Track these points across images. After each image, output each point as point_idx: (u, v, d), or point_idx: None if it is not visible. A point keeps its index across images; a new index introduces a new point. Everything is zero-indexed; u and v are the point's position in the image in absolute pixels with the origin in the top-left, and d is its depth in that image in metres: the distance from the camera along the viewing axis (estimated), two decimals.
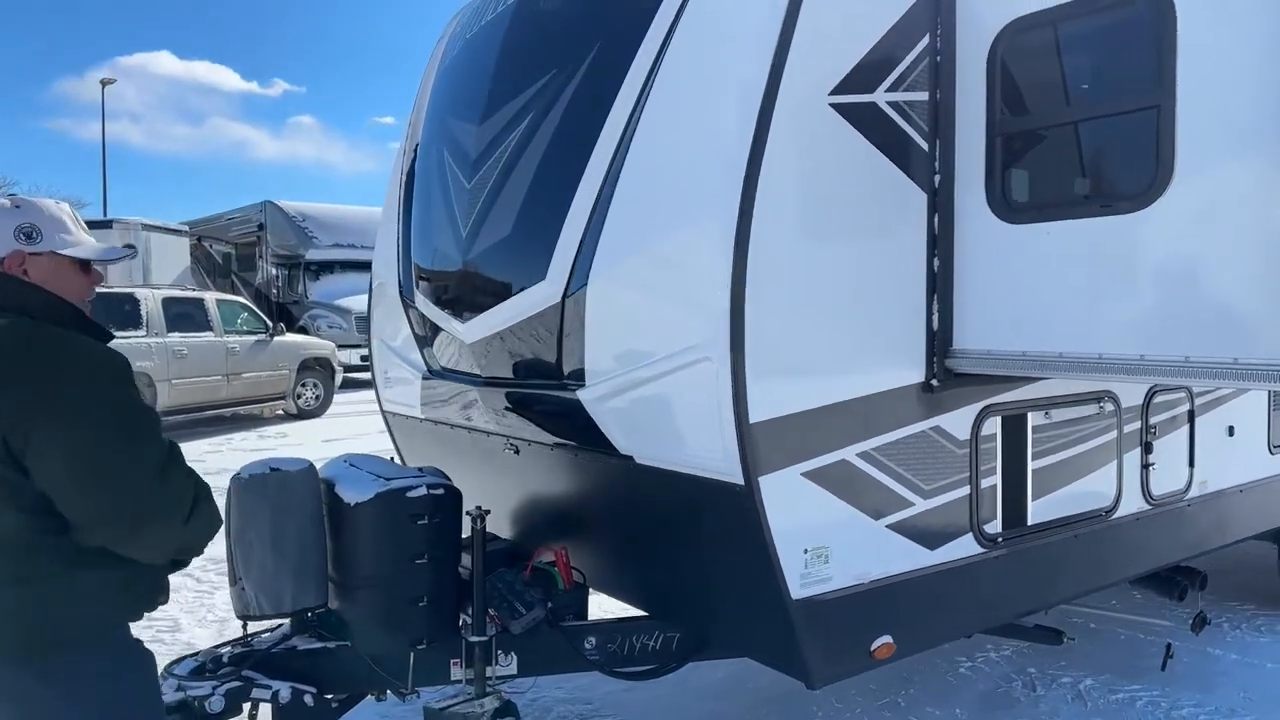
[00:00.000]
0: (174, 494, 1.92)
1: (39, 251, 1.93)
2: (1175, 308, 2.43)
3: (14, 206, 1.96)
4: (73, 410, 1.80)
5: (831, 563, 2.70)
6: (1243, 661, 4.49)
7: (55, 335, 1.89)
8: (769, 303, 2.52)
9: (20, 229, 1.93)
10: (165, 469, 1.91)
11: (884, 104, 2.77)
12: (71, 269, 1.98)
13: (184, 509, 1.93)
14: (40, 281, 1.93)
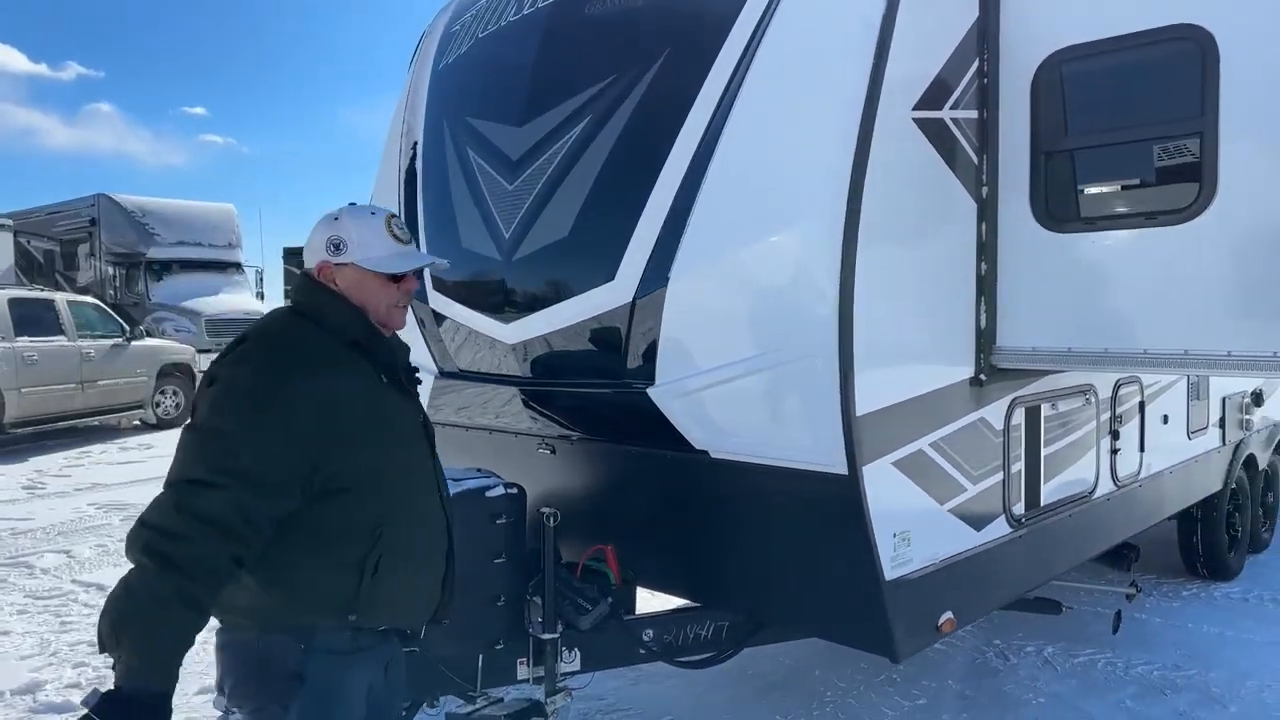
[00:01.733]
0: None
1: (344, 263, 2.03)
2: (1219, 308, 2.79)
3: (334, 219, 2.07)
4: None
5: (912, 545, 2.90)
6: (1168, 624, 5.07)
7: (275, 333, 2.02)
8: (869, 303, 2.69)
9: (330, 240, 2.04)
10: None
11: (949, 120, 3.01)
12: (375, 279, 2.05)
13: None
14: (345, 290, 2.04)
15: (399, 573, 2.02)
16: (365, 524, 1.97)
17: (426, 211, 4.07)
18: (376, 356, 2.05)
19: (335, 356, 1.99)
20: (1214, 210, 2.76)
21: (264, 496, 1.81)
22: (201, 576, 1.73)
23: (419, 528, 2.10)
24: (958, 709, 4.03)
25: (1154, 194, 2.96)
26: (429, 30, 4.65)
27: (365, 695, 2.06)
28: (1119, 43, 2.91)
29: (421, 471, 2.14)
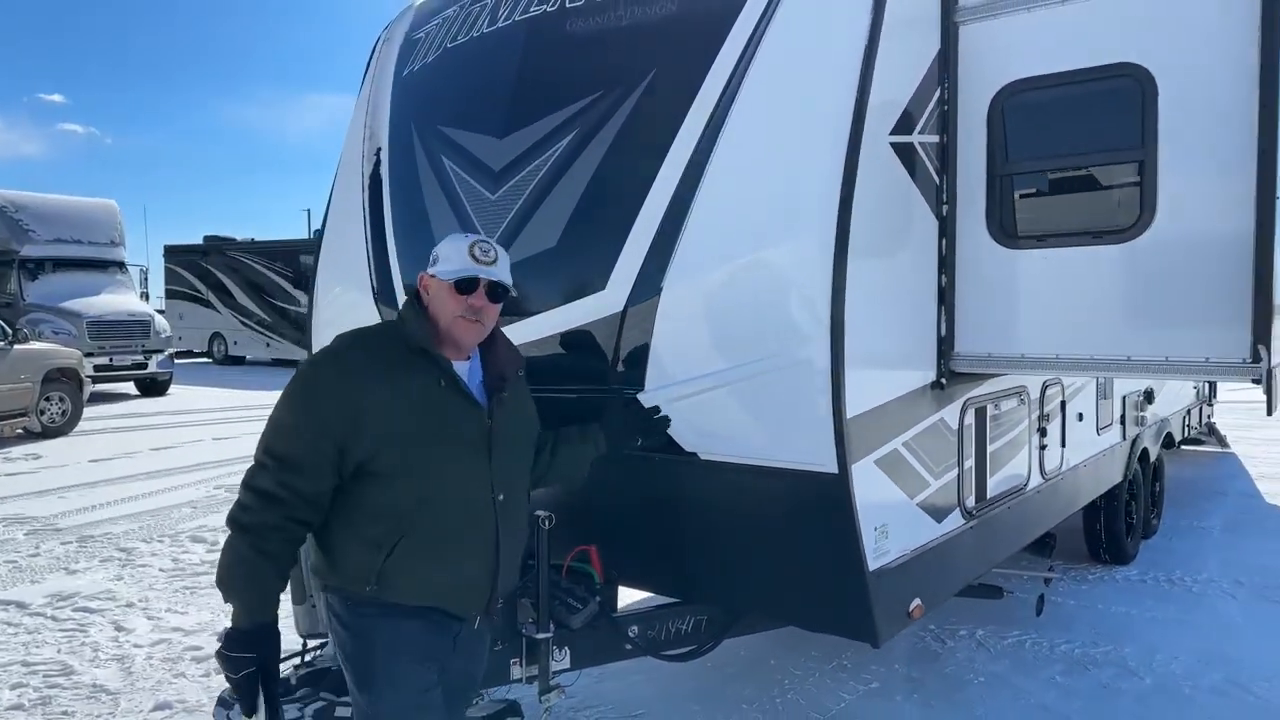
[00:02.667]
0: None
1: (430, 274, 2.34)
2: (1155, 318, 3.11)
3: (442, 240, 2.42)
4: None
5: (890, 537, 3.13)
6: (1080, 605, 5.51)
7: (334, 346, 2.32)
8: (856, 312, 2.90)
9: (431, 255, 2.38)
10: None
11: (917, 144, 3.26)
12: (446, 290, 2.30)
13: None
14: (429, 300, 2.33)
15: (417, 558, 2.23)
16: (391, 508, 2.20)
17: (396, 217, 4.08)
18: (438, 363, 2.21)
19: (396, 359, 2.23)
20: (1153, 230, 3.08)
21: (299, 475, 2.14)
22: (268, 535, 2.13)
23: (449, 520, 2.26)
24: (908, 690, 4.30)
25: (1099, 214, 3.27)
26: (387, 36, 4.66)
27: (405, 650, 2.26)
28: (1067, 77, 3.21)
29: (463, 470, 2.28)
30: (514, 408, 2.44)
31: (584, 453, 2.88)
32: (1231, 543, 6.93)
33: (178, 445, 11.76)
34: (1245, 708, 4.12)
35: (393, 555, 2.21)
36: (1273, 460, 10.18)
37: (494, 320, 2.40)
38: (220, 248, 26.78)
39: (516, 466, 2.45)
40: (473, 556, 2.33)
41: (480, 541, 2.33)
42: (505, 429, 2.36)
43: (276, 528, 2.14)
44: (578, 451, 2.86)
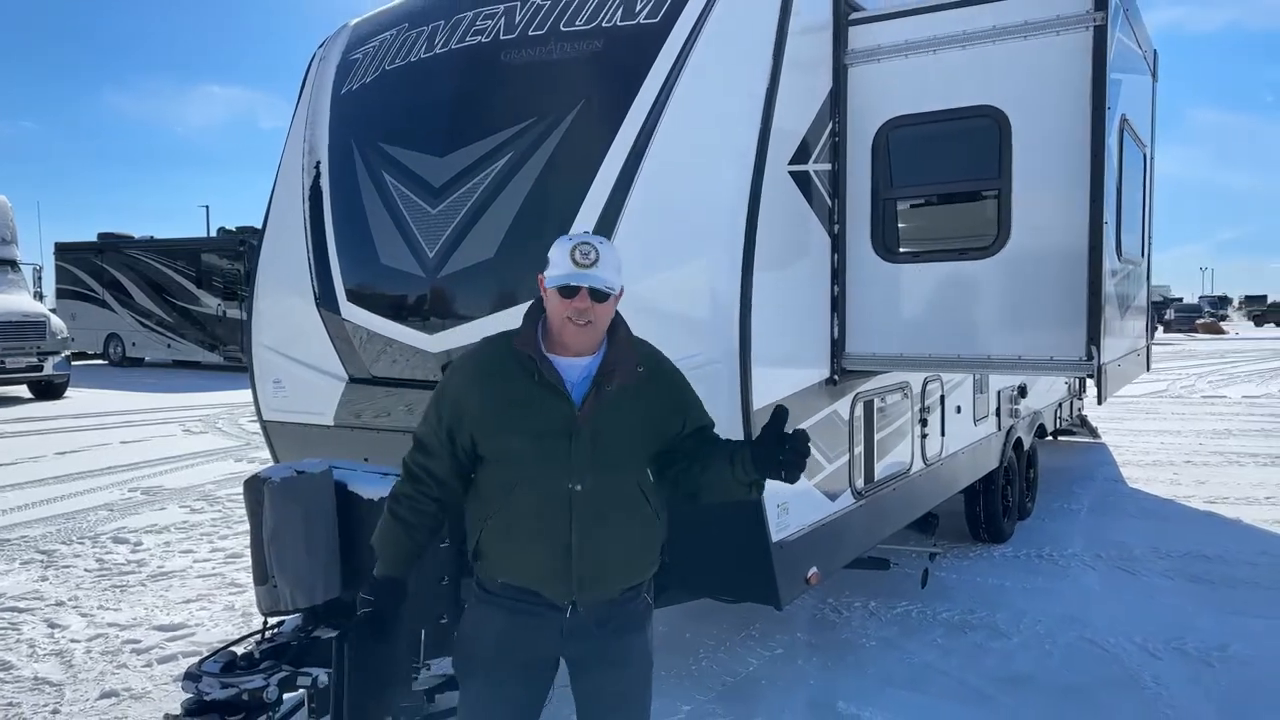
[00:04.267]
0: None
1: (543, 277, 2.43)
2: (1010, 323, 3.66)
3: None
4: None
5: (790, 514, 3.59)
6: (961, 579, 6.12)
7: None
8: (760, 316, 3.35)
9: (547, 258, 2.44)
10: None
11: (812, 171, 3.73)
12: (553, 295, 2.37)
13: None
14: (545, 302, 2.44)
15: (498, 536, 2.48)
16: (486, 491, 2.49)
17: (336, 227, 4.36)
18: (532, 359, 2.39)
19: (504, 357, 2.44)
20: (1008, 248, 3.63)
21: (428, 456, 2.52)
22: (403, 501, 2.55)
23: (524, 504, 2.44)
24: (809, 654, 4.80)
25: (963, 234, 3.81)
26: (322, 54, 4.92)
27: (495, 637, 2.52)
28: (939, 115, 3.74)
29: (543, 459, 2.42)
30: (618, 403, 2.40)
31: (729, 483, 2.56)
32: (1095, 522, 7.70)
33: (84, 449, 11.55)
34: (1093, 659, 4.75)
35: (483, 533, 2.48)
36: (1137, 449, 11.19)
37: (606, 318, 2.40)
38: (117, 246, 25.91)
39: (610, 459, 2.41)
40: (545, 539, 2.41)
41: (555, 527, 2.40)
42: (599, 422, 2.38)
43: (409, 497, 2.53)
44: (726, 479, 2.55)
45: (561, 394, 2.40)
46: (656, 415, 2.51)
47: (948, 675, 4.58)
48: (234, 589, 5.91)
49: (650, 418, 2.49)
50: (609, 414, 2.40)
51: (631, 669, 2.57)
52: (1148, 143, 4.88)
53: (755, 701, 4.24)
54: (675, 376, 2.57)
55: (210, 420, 14.17)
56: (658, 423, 2.51)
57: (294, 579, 3.22)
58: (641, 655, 2.60)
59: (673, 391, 2.55)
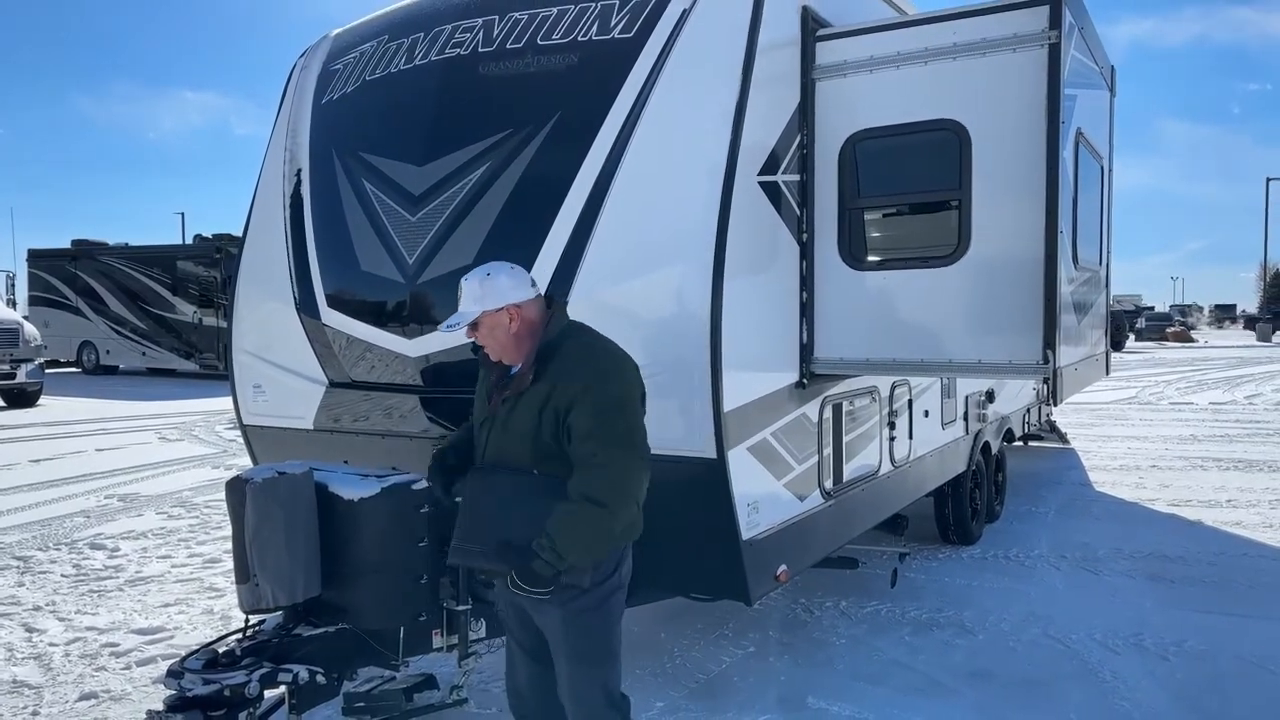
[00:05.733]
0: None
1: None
2: (971, 328, 3.80)
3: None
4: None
5: (760, 513, 3.71)
6: (930, 579, 6.27)
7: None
8: (730, 323, 3.47)
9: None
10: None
11: (781, 182, 3.87)
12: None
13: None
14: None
15: None
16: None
17: (317, 234, 4.45)
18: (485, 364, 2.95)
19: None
20: (968, 256, 3.78)
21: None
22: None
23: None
24: (780, 651, 4.92)
25: (926, 243, 3.95)
26: (303, 64, 5.01)
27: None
28: (902, 129, 3.89)
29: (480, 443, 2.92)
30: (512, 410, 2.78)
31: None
32: (1061, 524, 7.88)
33: (59, 456, 11.50)
34: (1055, 654, 4.90)
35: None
36: (1105, 455, 11.42)
37: (490, 338, 2.81)
38: (90, 252, 25.71)
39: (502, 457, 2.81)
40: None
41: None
42: (500, 423, 2.81)
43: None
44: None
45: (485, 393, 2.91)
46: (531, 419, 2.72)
47: (914, 670, 4.71)
48: (212, 593, 5.95)
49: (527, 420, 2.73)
50: (504, 415, 2.78)
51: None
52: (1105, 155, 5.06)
53: (727, 697, 4.35)
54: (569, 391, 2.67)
55: (186, 428, 14.12)
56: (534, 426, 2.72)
57: (275, 577, 3.30)
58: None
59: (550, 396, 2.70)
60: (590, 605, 2.80)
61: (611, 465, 2.64)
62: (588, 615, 2.81)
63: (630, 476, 2.69)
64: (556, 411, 2.68)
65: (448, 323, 2.79)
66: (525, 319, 2.78)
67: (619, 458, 2.66)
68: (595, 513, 2.63)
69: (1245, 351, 35.14)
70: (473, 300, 2.77)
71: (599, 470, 2.62)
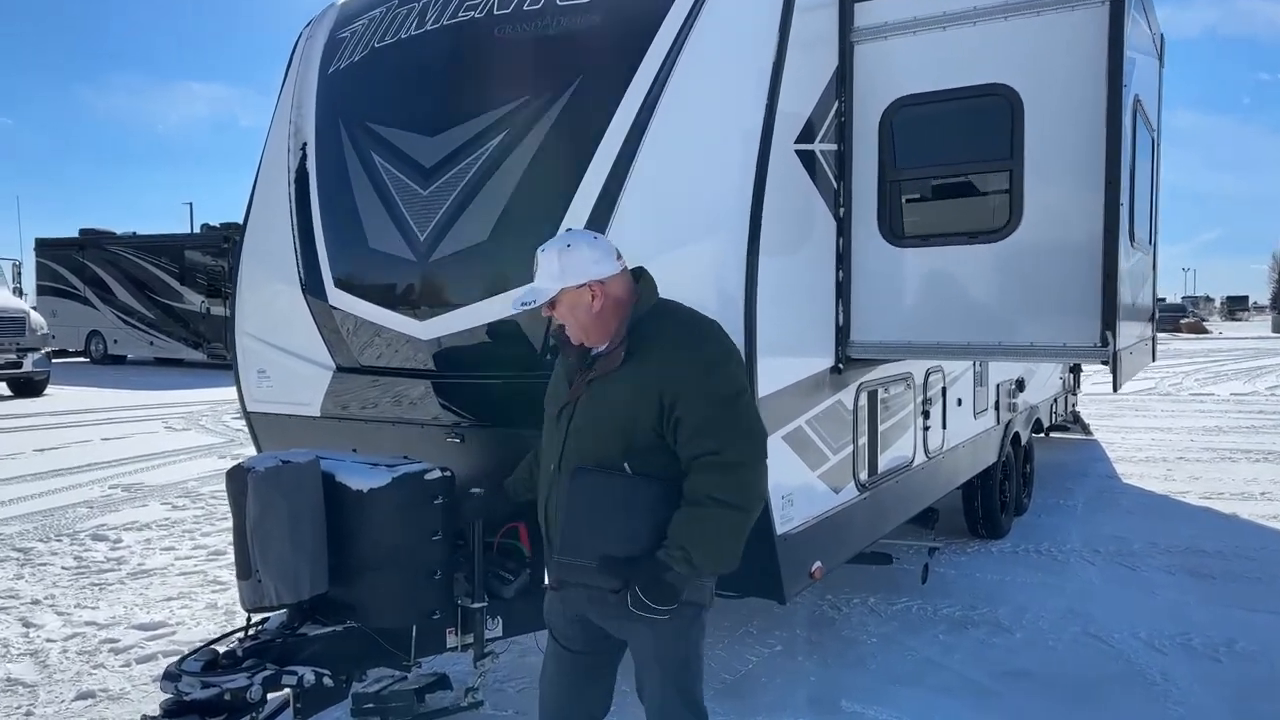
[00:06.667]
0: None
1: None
2: (1022, 309, 3.55)
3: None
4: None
5: (794, 506, 3.47)
6: (960, 574, 6.03)
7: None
8: (766, 301, 3.23)
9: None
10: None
11: (818, 151, 3.61)
12: None
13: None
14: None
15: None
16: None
17: (323, 211, 4.21)
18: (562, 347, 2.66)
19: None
20: (1020, 232, 3.52)
21: None
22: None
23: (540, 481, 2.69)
24: (809, 651, 4.68)
25: (973, 217, 3.69)
26: (309, 34, 4.76)
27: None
28: (948, 94, 3.63)
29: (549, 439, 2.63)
30: (599, 395, 2.45)
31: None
32: (1092, 518, 7.63)
33: (64, 446, 11.33)
34: (1098, 654, 4.65)
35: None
36: (1129, 446, 11.14)
37: (573, 314, 2.48)
38: (98, 241, 25.57)
39: (585, 448, 2.45)
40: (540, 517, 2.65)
41: (542, 504, 2.63)
42: (584, 410, 2.47)
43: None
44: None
45: (564, 381, 2.58)
46: (625, 404, 2.40)
47: (950, 671, 4.47)
48: (216, 586, 5.74)
49: (615, 408, 2.42)
50: (590, 403, 2.46)
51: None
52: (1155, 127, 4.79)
53: (755, 699, 4.12)
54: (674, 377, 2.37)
55: (193, 417, 13.95)
56: (628, 413, 2.40)
57: (279, 573, 3.08)
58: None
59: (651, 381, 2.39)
60: (691, 615, 2.53)
61: (742, 464, 2.34)
62: (689, 627, 2.55)
63: (761, 474, 2.41)
64: (660, 400, 2.35)
65: (520, 299, 2.48)
66: (610, 296, 2.45)
67: (748, 454, 2.36)
68: (729, 516, 2.33)
69: (1261, 343, 34.74)
70: (550, 276, 2.45)
71: (729, 470, 2.31)
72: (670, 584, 2.34)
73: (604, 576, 2.38)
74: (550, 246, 2.50)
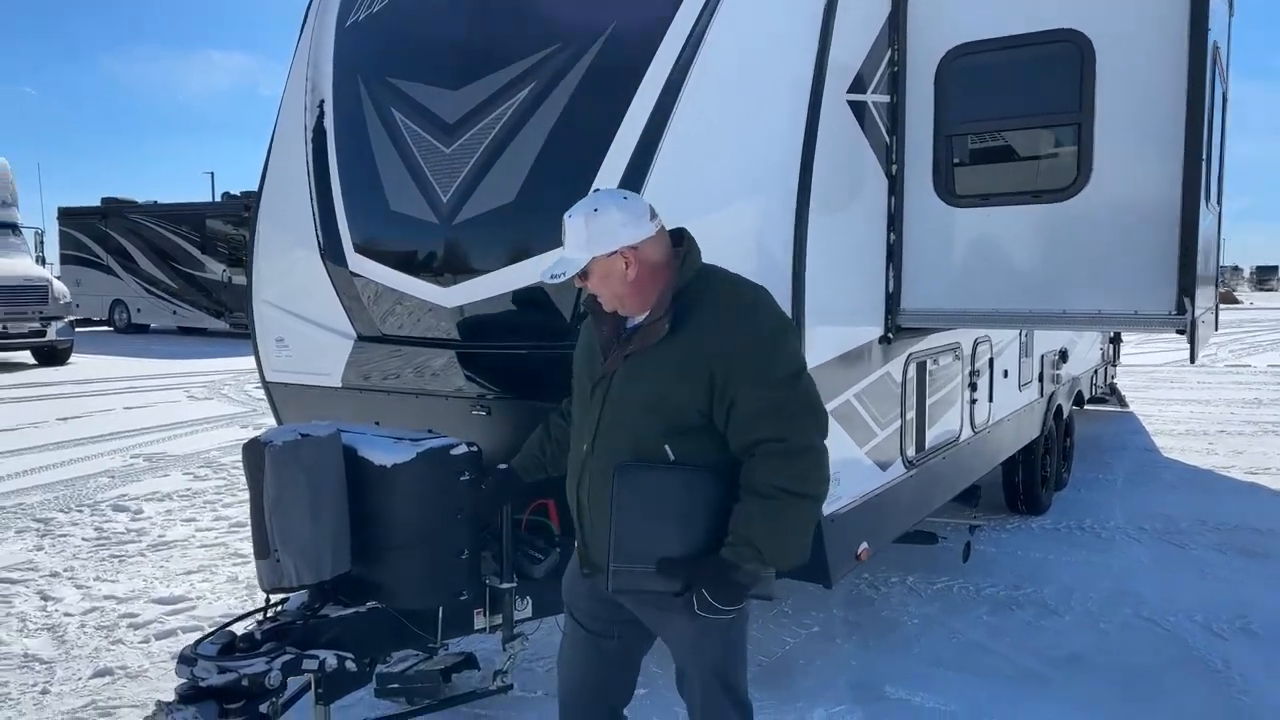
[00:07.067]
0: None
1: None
2: (1090, 274, 3.30)
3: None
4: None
5: (841, 485, 3.26)
6: (1001, 552, 5.81)
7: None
8: (815, 265, 3.00)
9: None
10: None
11: (870, 103, 3.36)
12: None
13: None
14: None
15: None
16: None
17: (342, 172, 4.01)
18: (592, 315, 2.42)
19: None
20: (1089, 190, 3.26)
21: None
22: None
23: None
24: (848, 632, 4.50)
25: (1038, 175, 3.43)
26: None
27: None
28: (1010, 41, 3.35)
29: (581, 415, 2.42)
30: (638, 370, 2.23)
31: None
32: (1133, 493, 7.37)
33: (87, 415, 11.29)
34: (1155, 638, 4.44)
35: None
36: (1167, 419, 10.84)
37: (604, 287, 2.26)
38: (120, 210, 25.54)
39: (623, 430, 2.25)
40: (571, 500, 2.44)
41: (573, 487, 2.41)
42: (620, 387, 2.26)
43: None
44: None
45: (598, 353, 2.35)
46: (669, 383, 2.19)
47: (998, 655, 4.28)
48: (238, 559, 5.62)
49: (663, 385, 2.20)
50: (625, 376, 2.26)
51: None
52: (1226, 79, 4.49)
53: (794, 684, 3.94)
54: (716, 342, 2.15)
55: (215, 386, 13.90)
56: (672, 392, 2.19)
57: (298, 552, 2.91)
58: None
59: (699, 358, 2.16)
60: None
61: (810, 449, 2.13)
62: (735, 622, 2.34)
63: (825, 458, 2.18)
64: (711, 380, 2.14)
65: (549, 271, 2.25)
66: (645, 261, 2.21)
67: (815, 438, 2.15)
68: (800, 506, 2.13)
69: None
70: (578, 245, 2.22)
71: (795, 457, 2.11)
72: (738, 583, 2.15)
73: (664, 580, 2.17)
74: (577, 211, 2.27)
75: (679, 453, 2.19)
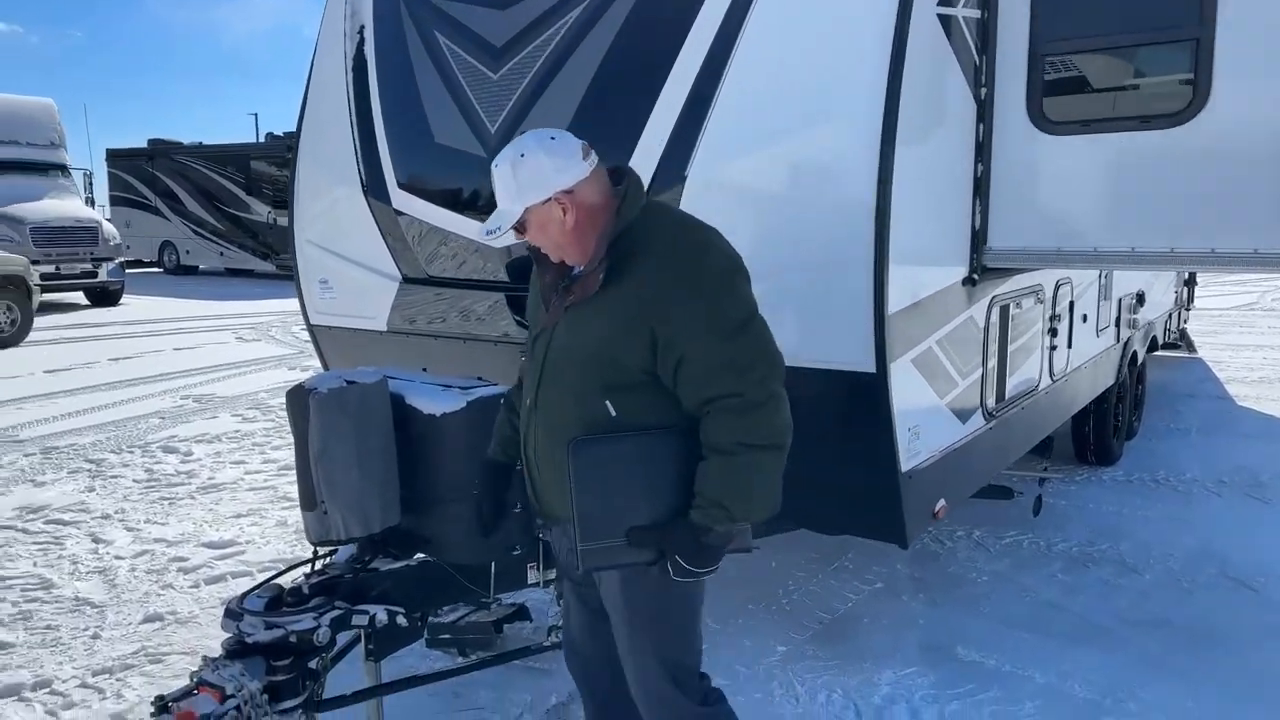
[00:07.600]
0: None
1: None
2: (1204, 208, 2.98)
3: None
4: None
5: (921, 439, 3.03)
6: (1072, 506, 5.54)
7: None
8: (901, 200, 2.72)
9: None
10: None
11: (960, 18, 3.03)
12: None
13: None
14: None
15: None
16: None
17: (384, 103, 3.78)
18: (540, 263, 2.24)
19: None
20: (1206, 115, 2.92)
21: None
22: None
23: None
24: (914, 589, 4.30)
25: (1148, 98, 3.10)
26: None
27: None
28: None
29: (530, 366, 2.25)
30: (577, 323, 2.08)
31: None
32: (1208, 444, 7.02)
33: (138, 355, 11.37)
34: (1245, 602, 4.18)
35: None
36: (1239, 365, 10.35)
37: (544, 237, 2.09)
38: (167, 152, 25.62)
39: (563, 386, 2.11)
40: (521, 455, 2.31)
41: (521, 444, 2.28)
42: (561, 340, 2.12)
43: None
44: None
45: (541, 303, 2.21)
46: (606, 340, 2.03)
47: (1073, 614, 4.06)
48: (286, 503, 5.57)
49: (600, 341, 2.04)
50: (565, 328, 2.11)
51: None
52: None
53: (859, 643, 3.77)
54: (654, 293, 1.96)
55: (263, 328, 13.94)
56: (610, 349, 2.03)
57: (346, 504, 2.77)
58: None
59: (635, 311, 1.97)
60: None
61: (771, 397, 1.95)
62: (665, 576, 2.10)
63: (784, 404, 2.00)
64: (652, 335, 1.98)
65: (485, 229, 2.10)
66: (582, 205, 2.03)
67: (772, 386, 1.96)
68: (765, 458, 1.97)
69: None
70: (509, 196, 2.05)
71: (754, 410, 1.94)
72: (711, 545, 2.01)
73: (635, 551, 2.03)
74: (502, 159, 2.07)
75: (622, 410, 2.02)
